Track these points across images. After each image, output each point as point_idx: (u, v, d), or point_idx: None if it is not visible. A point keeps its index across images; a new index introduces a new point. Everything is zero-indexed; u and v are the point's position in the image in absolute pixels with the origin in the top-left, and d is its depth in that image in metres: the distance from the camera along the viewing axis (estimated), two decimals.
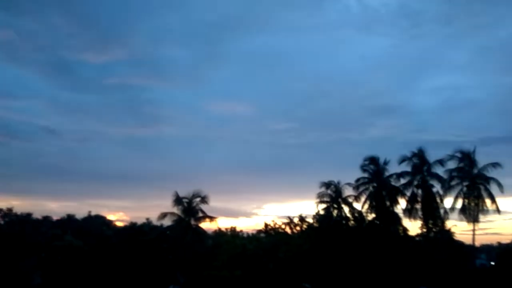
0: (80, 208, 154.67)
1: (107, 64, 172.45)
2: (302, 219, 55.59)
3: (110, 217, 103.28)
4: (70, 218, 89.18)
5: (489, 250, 75.28)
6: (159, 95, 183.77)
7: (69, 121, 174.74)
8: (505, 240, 69.29)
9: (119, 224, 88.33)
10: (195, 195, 47.37)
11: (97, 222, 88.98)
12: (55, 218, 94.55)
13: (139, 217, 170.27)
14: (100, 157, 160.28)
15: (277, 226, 57.31)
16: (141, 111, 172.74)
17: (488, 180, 46.31)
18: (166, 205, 48.49)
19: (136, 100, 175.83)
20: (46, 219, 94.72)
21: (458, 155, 47.65)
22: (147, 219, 74.07)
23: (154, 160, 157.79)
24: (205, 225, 49.26)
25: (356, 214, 49.63)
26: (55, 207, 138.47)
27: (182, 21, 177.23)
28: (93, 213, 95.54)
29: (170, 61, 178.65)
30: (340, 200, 49.41)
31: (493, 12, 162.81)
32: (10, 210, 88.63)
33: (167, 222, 49.43)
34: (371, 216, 49.10)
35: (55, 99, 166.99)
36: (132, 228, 49.02)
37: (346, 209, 49.77)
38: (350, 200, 49.72)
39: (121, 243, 46.85)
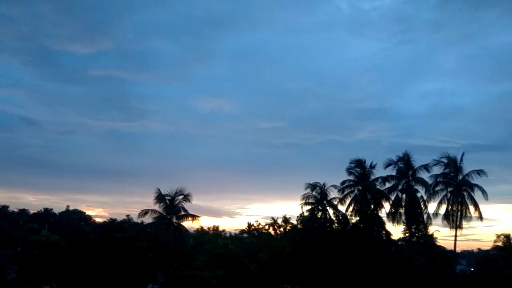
0: (58, 202, 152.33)
1: (92, 55, 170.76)
2: (286, 220, 55.18)
3: (89, 212, 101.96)
4: (47, 212, 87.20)
5: (469, 256, 76.22)
6: (145, 89, 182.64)
7: (51, 112, 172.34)
8: (485, 246, 70.29)
9: (98, 220, 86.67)
10: (178, 193, 46.43)
11: (75, 217, 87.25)
12: (32, 211, 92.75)
13: (119, 213, 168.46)
14: (82, 151, 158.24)
15: (260, 226, 56.79)
16: (126, 105, 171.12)
17: (472, 187, 46.59)
18: (148, 202, 47.69)
19: (121, 94, 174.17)
20: (23, 212, 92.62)
21: (444, 160, 47.90)
22: (127, 215, 72.97)
23: (137, 156, 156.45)
24: (187, 223, 48.45)
25: (340, 217, 49.49)
26: (32, 200, 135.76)
27: (171, 15, 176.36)
28: (71, 208, 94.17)
29: (157, 55, 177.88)
30: (325, 202, 49.09)
31: (482, 21, 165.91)
32: None
33: (148, 219, 48.46)
34: (355, 219, 48.95)
35: (36, 90, 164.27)
36: (111, 224, 47.54)
37: (330, 211, 49.65)
38: (335, 202, 49.50)
39: (99, 239, 45.51)
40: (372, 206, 48.78)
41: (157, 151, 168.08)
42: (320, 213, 49.29)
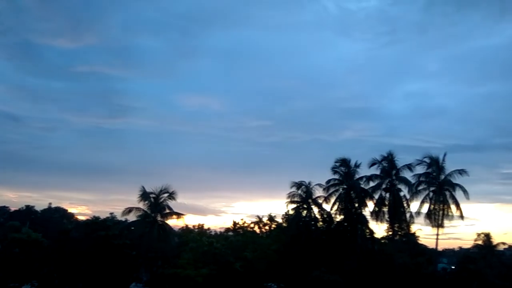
0: (40, 200, 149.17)
1: (77, 50, 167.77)
2: (271, 218, 55.27)
3: (71, 210, 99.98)
4: (29, 209, 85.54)
5: (451, 254, 77.54)
6: (130, 85, 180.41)
7: (34, 108, 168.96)
8: (466, 245, 71.51)
9: (81, 218, 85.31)
10: (162, 191, 46.01)
11: (58, 215, 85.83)
12: (12, 208, 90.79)
13: (103, 211, 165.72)
14: (65, 147, 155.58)
15: (246, 225, 56.72)
16: (110, 102, 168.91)
17: (454, 186, 47.49)
18: (132, 200, 47.09)
19: (105, 90, 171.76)
20: (3, 209, 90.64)
21: (427, 160, 48.70)
22: (111, 213, 71.78)
23: (122, 153, 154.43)
24: (172, 222, 48.05)
25: (325, 215, 49.94)
26: (13, 197, 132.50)
27: (157, 11, 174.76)
28: (53, 205, 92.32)
29: (143, 51, 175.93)
30: (310, 200, 49.47)
31: (465, 24, 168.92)
32: None
33: (132, 217, 47.98)
34: (339, 218, 49.41)
35: (19, 85, 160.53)
36: (94, 222, 46.91)
37: (315, 210, 50.04)
38: (320, 201, 49.99)
39: (82, 237, 44.89)
40: (357, 205, 49.34)
41: (142, 149, 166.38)
42: (305, 211, 49.66)
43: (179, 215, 47.21)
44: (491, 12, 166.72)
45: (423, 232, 52.99)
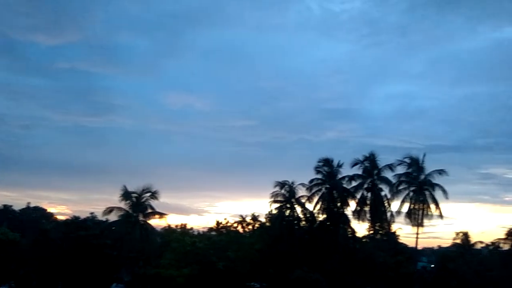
0: (18, 199, 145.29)
1: (58, 47, 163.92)
2: (254, 218, 55.17)
3: (51, 210, 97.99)
4: (6, 209, 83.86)
5: (430, 253, 78.96)
6: (113, 84, 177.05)
7: (13, 105, 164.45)
8: (445, 244, 72.93)
9: (61, 217, 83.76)
10: (145, 190, 45.57)
11: (37, 215, 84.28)
12: None
13: (83, 211, 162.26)
14: (45, 146, 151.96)
15: (229, 224, 56.50)
16: (93, 99, 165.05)
17: (433, 186, 48.34)
18: (113, 199, 46.51)
19: (87, 88, 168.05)
20: None
21: (407, 160, 49.42)
22: (92, 213, 70.66)
23: (104, 152, 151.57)
24: (154, 221, 47.75)
25: (308, 215, 50.25)
26: None
27: (143, 9, 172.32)
28: (32, 205, 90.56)
29: (127, 49, 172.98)
30: (293, 200, 49.67)
31: (447, 26, 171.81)
32: None
33: (113, 217, 47.39)
34: (322, 217, 49.78)
35: None
36: (74, 222, 46.32)
37: (298, 209, 50.24)
38: (303, 200, 50.17)
39: (61, 237, 44.20)
40: (339, 204, 49.77)
41: (124, 147, 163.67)
42: (288, 211, 49.84)
43: (161, 214, 46.91)
44: (472, 14, 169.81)
45: (403, 231, 53.91)
